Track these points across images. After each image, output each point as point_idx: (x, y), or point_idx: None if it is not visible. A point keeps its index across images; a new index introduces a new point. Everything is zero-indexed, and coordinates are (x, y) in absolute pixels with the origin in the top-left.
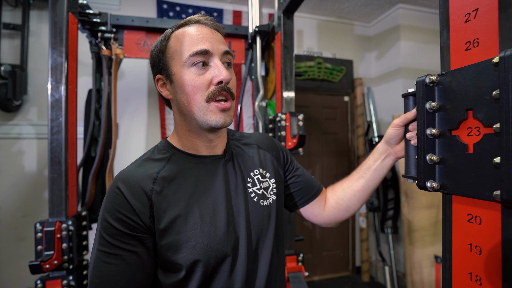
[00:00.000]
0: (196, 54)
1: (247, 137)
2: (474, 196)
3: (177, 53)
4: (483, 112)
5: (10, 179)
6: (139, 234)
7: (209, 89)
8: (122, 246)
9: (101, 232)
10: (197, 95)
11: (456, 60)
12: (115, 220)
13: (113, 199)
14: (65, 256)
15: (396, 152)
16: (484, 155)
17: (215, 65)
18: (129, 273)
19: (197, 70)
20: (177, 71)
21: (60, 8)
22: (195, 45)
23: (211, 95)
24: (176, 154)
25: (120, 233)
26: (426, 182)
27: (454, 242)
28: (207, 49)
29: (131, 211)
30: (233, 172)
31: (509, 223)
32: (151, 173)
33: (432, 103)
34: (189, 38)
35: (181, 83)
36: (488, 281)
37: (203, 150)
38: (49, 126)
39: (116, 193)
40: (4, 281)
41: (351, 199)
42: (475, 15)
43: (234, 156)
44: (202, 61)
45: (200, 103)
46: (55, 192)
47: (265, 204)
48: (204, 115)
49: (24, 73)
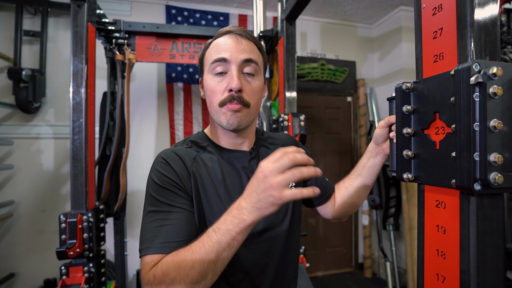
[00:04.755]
0: (215, 61)
1: (274, 138)
2: (439, 184)
3: (206, 61)
4: (446, 115)
5: (30, 177)
6: (183, 194)
7: (223, 95)
8: (169, 203)
9: (150, 194)
10: (213, 99)
11: (427, 70)
12: (161, 181)
13: (158, 167)
14: (86, 245)
15: (383, 150)
16: (446, 150)
17: (230, 73)
18: (179, 224)
19: (216, 77)
20: (205, 76)
21: (80, 19)
22: (217, 54)
23: (224, 101)
24: (210, 145)
25: (167, 192)
26: (403, 174)
27: (426, 225)
28: (225, 58)
29: (174, 175)
30: (256, 168)
31: (465, 206)
32: (191, 154)
33: (408, 106)
34: (215, 48)
35: (206, 87)
36: (450, 255)
37: (228, 144)
38: (71, 126)
39: (162, 163)
40: (24, 272)
41: (354, 196)
42: (440, 33)
43: (260, 154)
44: (221, 69)
45: (215, 107)
46: (77, 187)
47: None
48: (218, 117)
49: (43, 77)
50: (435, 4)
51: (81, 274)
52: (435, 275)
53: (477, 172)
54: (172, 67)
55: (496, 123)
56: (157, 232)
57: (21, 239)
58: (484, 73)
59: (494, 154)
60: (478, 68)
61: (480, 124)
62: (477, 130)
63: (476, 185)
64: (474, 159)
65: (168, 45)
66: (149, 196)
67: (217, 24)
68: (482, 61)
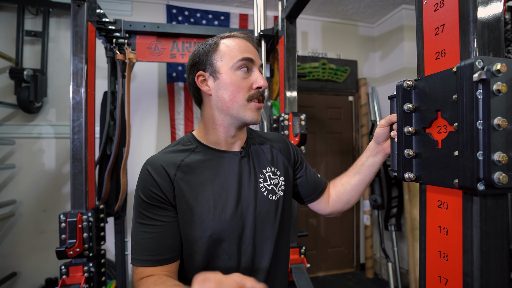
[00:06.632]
0: (244, 59)
1: (264, 136)
2: (441, 184)
3: (227, 56)
4: (448, 113)
5: (31, 176)
6: (167, 206)
7: (250, 91)
8: (154, 217)
9: (137, 207)
10: (239, 94)
11: (429, 67)
12: (146, 196)
13: (144, 179)
14: (86, 244)
15: (384, 149)
16: (448, 149)
17: (256, 73)
18: (161, 238)
19: (243, 73)
20: (224, 71)
21: (80, 19)
22: (244, 53)
23: (252, 96)
24: (199, 147)
25: (151, 206)
26: (404, 174)
27: (428, 225)
28: (253, 58)
29: (157, 188)
30: (247, 168)
31: (468, 206)
32: (176, 160)
33: (409, 104)
34: (238, 47)
35: (227, 82)
36: (452, 256)
37: (223, 145)
38: (71, 126)
39: (146, 174)
40: (26, 271)
41: (350, 193)
42: (442, 29)
43: (250, 153)
44: (247, 67)
45: (241, 101)
46: (77, 187)
47: (273, 199)
48: (243, 112)
49: (44, 77)
50: (437, 0)
51: (81, 273)
52: (438, 277)
53: (481, 172)
54: (172, 67)
55: (500, 121)
56: (142, 244)
57: (23, 238)
58: (487, 70)
59: (498, 153)
60: (481, 65)
61: (483, 122)
62: (481, 128)
63: (479, 185)
64: (478, 158)
65: (169, 45)
66: (136, 208)
67: (218, 23)
68: (486, 57)
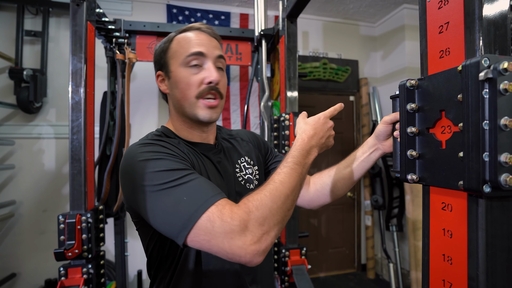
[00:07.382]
0: (192, 55)
1: (231, 132)
2: (445, 186)
3: (177, 54)
4: (453, 113)
5: (31, 177)
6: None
7: (200, 87)
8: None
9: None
10: (189, 91)
11: (432, 66)
12: (171, 155)
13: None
14: (85, 246)
15: (383, 147)
16: (453, 150)
17: (208, 67)
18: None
19: (192, 70)
20: (175, 69)
21: (79, 18)
22: (192, 47)
23: (202, 92)
24: (180, 140)
25: (182, 159)
26: (407, 175)
27: (431, 228)
28: (202, 52)
29: (179, 151)
30: (224, 160)
31: (473, 209)
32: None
33: (412, 104)
34: (188, 42)
35: (177, 80)
36: (457, 260)
37: (197, 138)
38: (70, 126)
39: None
40: (25, 272)
41: (336, 185)
42: (446, 27)
43: (222, 146)
44: (196, 62)
45: (190, 99)
46: (76, 187)
47: (251, 187)
48: (193, 109)
49: (44, 77)
50: None
51: (80, 275)
52: (441, 281)
53: (487, 173)
54: None
55: (507, 121)
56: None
57: (23, 239)
58: (494, 68)
59: (505, 154)
60: (487, 63)
61: (489, 122)
62: (487, 128)
63: (485, 187)
64: (483, 159)
65: None
66: (151, 176)
67: (218, 23)
68: (492, 55)
